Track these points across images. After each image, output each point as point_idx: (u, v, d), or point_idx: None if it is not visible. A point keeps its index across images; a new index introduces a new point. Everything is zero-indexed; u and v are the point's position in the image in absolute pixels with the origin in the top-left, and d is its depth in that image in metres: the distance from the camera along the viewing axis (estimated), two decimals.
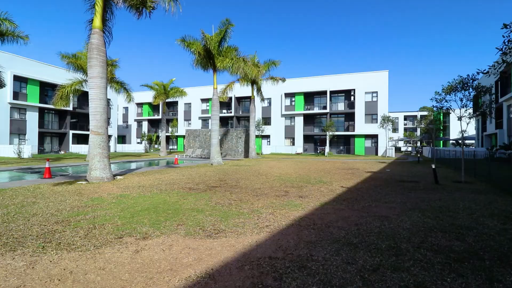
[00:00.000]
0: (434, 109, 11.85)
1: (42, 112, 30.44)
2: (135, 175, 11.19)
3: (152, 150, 41.59)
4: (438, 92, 11.02)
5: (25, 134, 28.26)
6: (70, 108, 31.43)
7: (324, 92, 36.34)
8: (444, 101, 10.93)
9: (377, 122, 32.77)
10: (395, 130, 60.21)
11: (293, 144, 37.93)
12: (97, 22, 9.25)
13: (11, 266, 2.94)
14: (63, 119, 32.67)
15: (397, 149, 49.74)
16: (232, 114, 41.20)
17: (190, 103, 44.91)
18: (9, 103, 26.71)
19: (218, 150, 17.42)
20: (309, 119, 38.06)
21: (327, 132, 31.75)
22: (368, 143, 34.19)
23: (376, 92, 33.66)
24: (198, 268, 2.95)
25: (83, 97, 32.14)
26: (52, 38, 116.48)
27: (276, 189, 8.20)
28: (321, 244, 3.65)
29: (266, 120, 39.30)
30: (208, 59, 16.91)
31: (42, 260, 3.11)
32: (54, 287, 2.53)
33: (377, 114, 33.28)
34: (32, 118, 28.95)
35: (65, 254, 3.28)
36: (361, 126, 34.17)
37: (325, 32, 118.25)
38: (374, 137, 33.76)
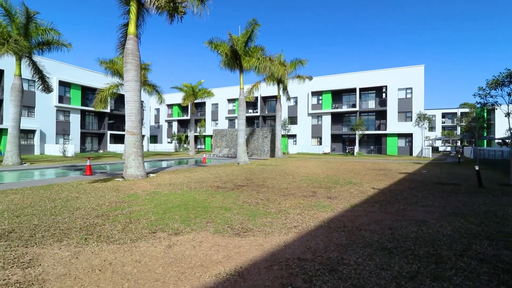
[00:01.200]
0: (477, 105, 10.88)
1: (83, 114, 33.00)
2: (166, 173, 11.68)
3: (181, 149, 43.16)
4: (482, 87, 10.12)
5: (69, 134, 30.82)
6: (108, 110, 33.68)
7: (353, 90, 35.06)
8: (488, 96, 10.00)
9: (411, 120, 30.88)
10: (431, 128, 56.27)
11: (320, 143, 37.10)
12: (132, 28, 9.79)
13: (58, 255, 3.21)
14: (101, 120, 35.15)
15: (434, 149, 46.47)
16: (258, 114, 41.35)
17: (217, 104, 45.87)
18: (55, 106, 29.31)
19: (244, 149, 17.58)
20: (337, 118, 36.97)
21: (357, 131, 30.54)
22: (401, 142, 32.37)
23: (411, 88, 31.73)
24: (227, 265, 3.00)
25: (119, 100, 34.33)
26: (91, 45, 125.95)
27: (303, 189, 8.07)
28: (353, 248, 3.52)
29: (292, 119, 38.89)
30: (234, 60, 17.13)
31: (84, 251, 3.36)
32: (96, 277, 2.71)
33: (411, 111, 31.36)
34: (75, 120, 31.50)
35: (105, 246, 3.51)
36: (394, 124, 32.43)
37: (355, 28, 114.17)
38: (408, 136, 31.87)
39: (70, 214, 5.01)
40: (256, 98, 39.73)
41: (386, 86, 33.14)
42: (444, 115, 61.16)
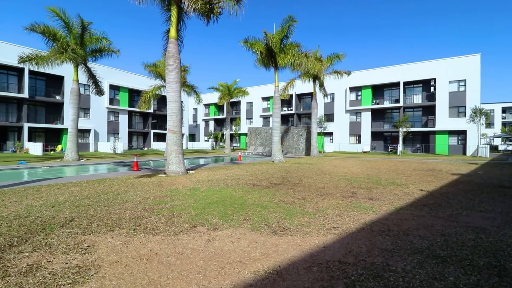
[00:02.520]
0: None
1: (130, 114, 35.82)
2: (204, 170, 12.13)
3: (217, 147, 44.51)
4: None
5: (118, 133, 33.73)
6: (151, 111, 36.11)
7: (397, 84, 32.70)
8: None
9: (465, 116, 27.84)
10: (489, 125, 50.11)
11: (359, 141, 35.36)
12: (173, 32, 10.30)
13: (111, 243, 3.51)
14: (146, 120, 37.84)
15: (493, 148, 41.31)
16: (293, 112, 40.82)
17: (251, 102, 46.33)
18: (107, 107, 32.26)
19: (279, 147, 17.49)
20: (378, 115, 34.84)
21: (400, 128, 28.39)
22: (453, 140, 29.36)
23: (464, 80, 28.58)
24: (265, 263, 2.99)
25: (161, 101, 36.65)
26: (135, 49, 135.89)
27: (342, 189, 7.75)
28: (399, 254, 3.26)
29: (329, 117, 37.65)
30: (270, 58, 17.09)
31: (133, 240, 3.62)
32: (144, 266, 2.90)
33: (465, 106, 28.27)
34: (123, 120, 34.36)
35: (151, 237, 3.75)
36: (444, 120, 29.54)
37: (395, 19, 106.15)
38: (461, 134, 28.79)
39: (120, 206, 5.45)
40: (291, 95, 39.27)
41: (434, 79, 30.32)
42: (504, 110, 53.96)
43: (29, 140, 25.49)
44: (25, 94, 24.97)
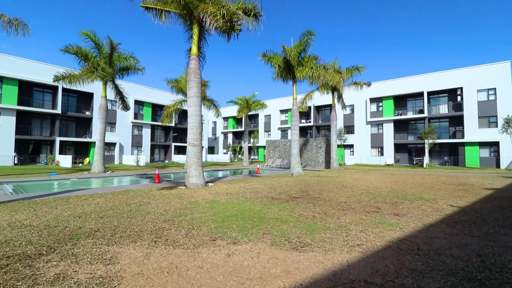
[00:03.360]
0: None
1: (153, 128, 37.22)
2: (223, 182, 12.19)
3: (236, 160, 44.79)
4: None
5: (141, 146, 35.04)
6: (173, 124, 37.29)
7: (420, 94, 31.60)
8: None
9: (497, 126, 26.17)
10: None
11: (382, 154, 34.14)
12: (194, 49, 10.74)
13: (133, 255, 3.56)
14: (167, 133, 39.11)
15: None
16: (312, 124, 40.47)
17: (269, 115, 46.57)
18: (131, 122, 33.79)
19: (298, 160, 17.28)
20: (401, 126, 33.65)
21: (426, 140, 27.10)
22: (484, 152, 27.55)
23: (494, 89, 27.09)
24: (286, 281, 2.89)
25: (182, 115, 37.78)
26: (158, 65, 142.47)
27: (365, 204, 7.44)
28: (431, 275, 3.03)
29: (349, 129, 36.87)
30: (288, 71, 17.23)
31: (154, 252, 3.65)
32: (164, 279, 2.90)
33: (496, 116, 26.65)
34: (146, 134, 35.75)
35: (171, 249, 3.77)
36: (473, 131, 27.91)
37: (416, 30, 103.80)
38: (493, 145, 26.99)
39: (142, 217, 5.57)
40: (309, 108, 39.06)
41: (461, 88, 29.01)
42: None
43: (60, 153, 27.10)
44: (58, 110, 26.82)
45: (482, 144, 27.53)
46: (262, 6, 10.80)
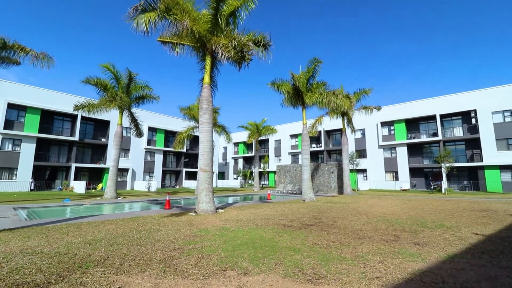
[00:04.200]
0: None
1: (165, 154, 37.86)
2: (233, 209, 11.99)
3: (246, 185, 44.37)
4: None
5: (153, 172, 35.45)
6: (184, 150, 37.85)
7: (433, 117, 31.19)
8: None
9: None
10: None
11: (396, 178, 33.06)
12: (207, 78, 11.20)
13: (142, 285, 3.45)
14: (179, 159, 39.60)
15: None
16: (322, 148, 40.18)
17: (280, 140, 46.72)
18: (144, 148, 34.59)
19: (310, 185, 16.94)
20: (415, 149, 32.88)
21: (442, 164, 26.18)
22: (506, 176, 26.22)
23: (510, 110, 26.49)
24: None
25: (193, 141, 38.48)
26: (171, 93, 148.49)
27: (382, 232, 7.08)
28: None
29: (361, 153, 36.26)
30: (297, 97, 17.56)
31: (163, 283, 3.53)
32: None
33: None
34: (158, 159, 36.33)
35: (180, 280, 3.64)
36: (492, 154, 26.87)
37: (423, 55, 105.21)
38: None
39: (152, 245, 5.48)
40: (319, 132, 39.05)
41: (475, 110, 28.50)
42: None
43: (75, 178, 27.71)
44: (76, 137, 27.91)
45: (503, 168, 26.32)
46: (271, 36, 11.34)
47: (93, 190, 27.09)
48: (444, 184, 26.38)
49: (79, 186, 24.30)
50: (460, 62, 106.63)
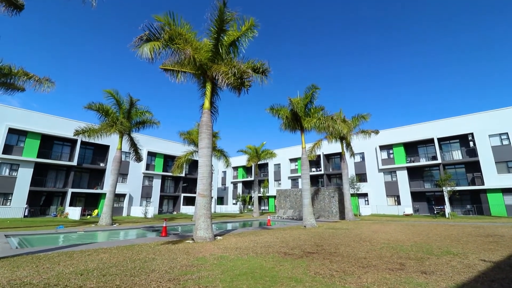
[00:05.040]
0: None
1: (163, 179, 37.47)
2: (232, 236, 11.61)
3: (245, 211, 43.43)
4: None
5: (150, 197, 34.82)
6: (183, 175, 37.58)
7: (431, 141, 31.42)
8: None
9: None
10: None
11: (398, 203, 32.51)
12: (207, 104, 11.42)
13: None
14: (177, 184, 39.13)
15: None
16: (322, 172, 39.95)
17: (279, 164, 46.58)
18: (143, 173, 34.30)
19: (310, 211, 16.59)
20: (415, 173, 32.72)
21: (444, 188, 25.89)
22: (509, 199, 25.83)
23: (506, 133, 26.80)
24: None
25: (192, 165, 38.37)
26: (171, 118, 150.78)
27: (387, 260, 6.81)
28: None
29: (361, 177, 36.00)
30: (295, 121, 17.78)
31: None
32: None
33: None
34: (156, 184, 35.87)
35: None
36: (493, 177, 26.71)
37: (418, 77, 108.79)
38: None
39: (146, 276, 5.22)
40: (319, 156, 39.06)
41: (472, 134, 28.83)
42: None
43: (71, 204, 27.11)
44: (74, 162, 27.77)
45: (505, 191, 26.03)
46: (269, 64, 11.76)
47: (88, 217, 26.39)
48: (448, 208, 25.90)
49: (74, 212, 23.71)
50: (454, 86, 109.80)
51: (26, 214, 23.65)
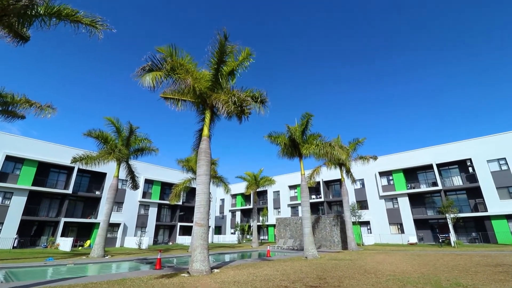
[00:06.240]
0: None
1: (160, 207, 36.52)
2: (230, 268, 11.05)
3: (244, 241, 41.88)
4: None
5: (146, 227, 33.63)
6: (180, 203, 36.63)
7: (430, 166, 31.33)
8: None
9: None
10: None
11: (402, 231, 31.55)
12: (206, 131, 11.52)
13: None
14: (174, 212, 38.05)
15: None
16: (322, 199, 39.24)
17: (278, 191, 45.87)
18: (139, 201, 33.50)
19: (312, 240, 16.00)
20: (416, 199, 32.18)
21: (447, 215, 25.31)
22: None
23: (504, 158, 26.91)
24: None
25: (190, 193, 37.52)
26: (169, 145, 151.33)
27: None
28: None
29: (362, 204, 35.32)
30: (293, 148, 17.83)
31: None
32: None
33: None
34: (152, 213, 34.87)
35: None
36: (496, 203, 26.29)
37: (415, 103, 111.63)
38: None
39: None
40: (318, 183, 38.63)
41: (470, 159, 28.90)
42: None
43: (63, 234, 26.07)
44: (69, 190, 27.21)
45: (510, 217, 25.47)
46: (267, 94, 12.09)
47: (80, 248, 25.26)
48: (453, 236, 25.13)
49: (65, 243, 22.72)
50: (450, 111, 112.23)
51: (15, 245, 22.62)
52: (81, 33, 8.51)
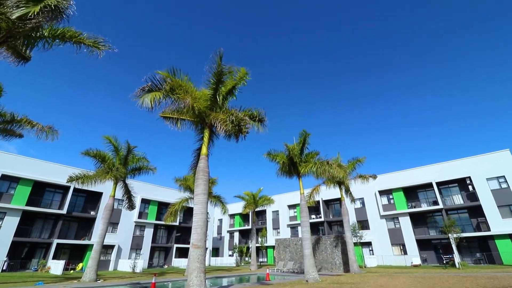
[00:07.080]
0: None
1: (156, 228, 35.51)
2: None
3: (242, 263, 40.51)
4: None
5: (141, 249, 32.52)
6: (177, 223, 35.73)
7: (429, 185, 31.08)
8: None
9: None
10: None
11: (405, 252, 30.67)
12: (204, 150, 11.49)
13: None
14: (170, 233, 36.99)
15: None
16: (322, 219, 38.46)
17: (277, 211, 45.02)
18: (135, 221, 32.66)
19: (312, 262, 15.48)
20: (418, 219, 31.59)
21: (450, 235, 24.71)
22: None
23: (503, 176, 26.84)
24: None
25: (187, 213, 36.75)
26: (166, 164, 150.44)
27: None
28: None
29: (363, 224, 34.60)
30: (292, 167, 17.75)
31: None
32: None
33: None
34: (148, 234, 33.86)
35: None
36: (498, 222, 25.84)
37: (414, 119, 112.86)
38: None
39: None
40: (318, 202, 38.08)
41: (469, 177, 28.78)
42: None
43: (54, 257, 25.12)
44: (64, 211, 26.56)
45: None
46: (266, 113, 12.23)
47: (71, 271, 24.25)
48: (457, 257, 24.39)
49: (56, 266, 21.85)
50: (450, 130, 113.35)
51: (4, 268, 21.72)
52: (82, 52, 8.73)
